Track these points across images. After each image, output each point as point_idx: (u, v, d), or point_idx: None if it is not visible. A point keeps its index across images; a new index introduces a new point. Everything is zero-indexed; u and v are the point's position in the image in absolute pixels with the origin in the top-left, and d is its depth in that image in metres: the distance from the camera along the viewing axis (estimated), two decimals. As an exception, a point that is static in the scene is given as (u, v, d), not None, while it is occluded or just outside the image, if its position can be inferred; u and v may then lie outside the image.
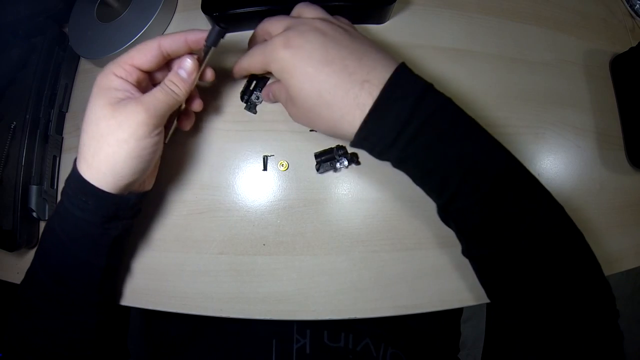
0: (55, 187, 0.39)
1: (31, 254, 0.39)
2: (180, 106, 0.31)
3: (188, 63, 0.29)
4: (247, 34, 0.39)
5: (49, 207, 0.38)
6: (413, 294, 0.34)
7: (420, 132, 0.25)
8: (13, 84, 0.40)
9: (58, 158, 0.39)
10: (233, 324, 0.40)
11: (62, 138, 0.40)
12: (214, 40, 0.29)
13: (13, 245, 0.36)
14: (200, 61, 0.30)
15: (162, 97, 0.27)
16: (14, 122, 0.38)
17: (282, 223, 0.35)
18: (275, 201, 0.35)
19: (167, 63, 0.30)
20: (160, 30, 0.40)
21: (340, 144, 0.35)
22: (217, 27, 0.28)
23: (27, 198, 0.37)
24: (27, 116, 0.37)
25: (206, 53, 0.29)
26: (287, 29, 0.28)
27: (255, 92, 0.36)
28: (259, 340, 0.39)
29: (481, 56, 0.39)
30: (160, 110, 0.27)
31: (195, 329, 0.43)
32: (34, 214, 0.37)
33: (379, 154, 0.28)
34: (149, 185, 0.32)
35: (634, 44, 0.39)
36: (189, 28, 0.29)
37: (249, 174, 0.36)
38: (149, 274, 0.36)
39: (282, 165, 0.36)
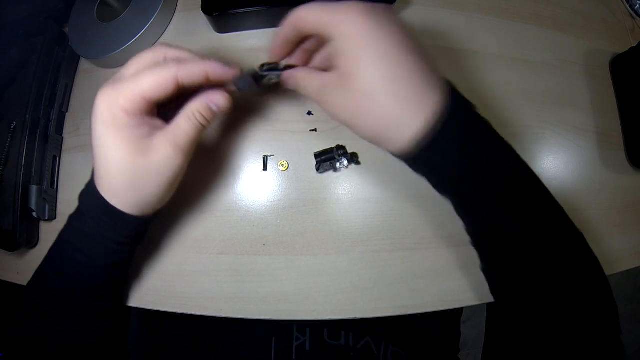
0: (55, 187, 0.39)
1: (31, 254, 0.39)
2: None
3: (221, 101, 0.27)
4: (247, 34, 0.39)
5: (49, 207, 0.38)
6: (413, 294, 0.34)
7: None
8: (13, 84, 0.40)
9: (58, 158, 0.39)
10: (232, 323, 0.40)
11: (62, 138, 0.40)
12: (244, 87, 0.27)
13: (13, 245, 0.36)
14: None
15: (190, 129, 0.26)
16: (14, 122, 0.38)
17: (282, 223, 0.35)
18: (275, 201, 0.35)
19: None
20: (160, 30, 0.40)
21: (340, 144, 0.35)
22: (248, 77, 0.27)
23: (27, 198, 0.37)
24: (27, 116, 0.37)
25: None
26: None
27: (271, 73, 0.29)
28: (258, 338, 0.39)
29: (481, 56, 0.39)
30: (190, 142, 0.26)
31: (195, 328, 0.43)
32: (34, 214, 0.37)
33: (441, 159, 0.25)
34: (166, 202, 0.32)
35: (634, 44, 0.39)
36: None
37: (249, 174, 0.36)
38: (148, 274, 0.36)
39: (282, 165, 0.36)
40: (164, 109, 0.28)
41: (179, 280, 0.35)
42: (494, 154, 0.26)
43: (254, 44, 0.39)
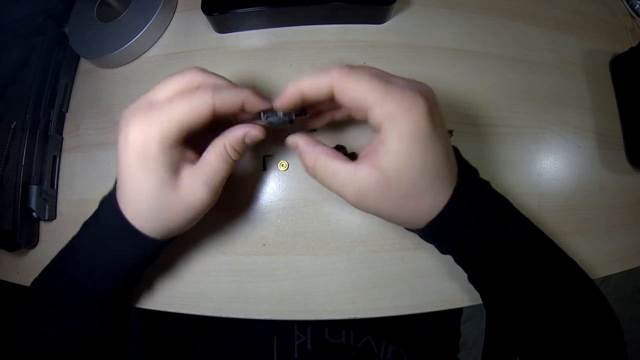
0: (55, 187, 0.39)
1: (31, 254, 0.39)
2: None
3: (257, 135, 0.26)
4: (247, 34, 0.39)
5: (49, 207, 0.38)
6: (413, 294, 0.34)
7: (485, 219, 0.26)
8: (13, 84, 0.40)
9: (58, 158, 0.39)
10: (233, 323, 0.40)
11: (62, 138, 0.40)
12: (276, 122, 0.26)
13: (13, 245, 0.36)
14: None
15: (221, 167, 0.25)
16: (14, 122, 0.38)
17: (282, 223, 0.35)
18: (275, 201, 0.35)
19: None
20: (160, 30, 0.40)
21: (340, 144, 0.35)
22: (285, 118, 0.25)
23: (27, 198, 0.37)
24: (27, 116, 0.37)
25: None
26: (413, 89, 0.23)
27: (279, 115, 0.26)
28: (259, 337, 0.39)
29: (481, 56, 0.39)
30: (222, 180, 0.26)
31: (195, 328, 0.43)
32: (34, 214, 0.37)
33: (448, 240, 0.27)
34: None
35: (634, 44, 0.39)
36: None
37: (249, 174, 0.36)
38: (148, 274, 0.36)
39: (282, 165, 0.36)
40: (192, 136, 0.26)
41: (179, 280, 0.35)
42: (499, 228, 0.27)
43: (254, 44, 0.39)
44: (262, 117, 0.26)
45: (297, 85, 0.24)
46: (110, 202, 0.26)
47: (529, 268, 0.27)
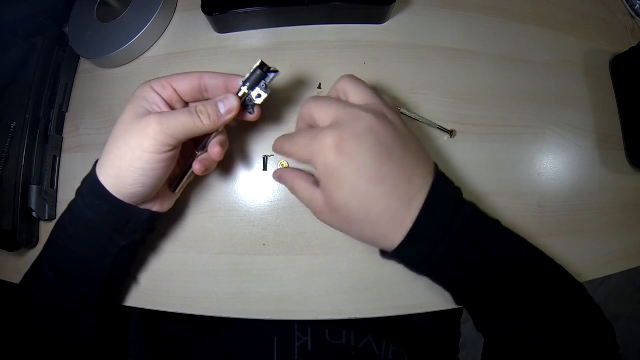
0: (55, 187, 0.39)
1: (31, 254, 0.39)
2: (203, 146, 0.30)
3: (233, 101, 0.27)
4: (247, 34, 0.39)
5: (49, 207, 0.38)
6: (413, 294, 0.34)
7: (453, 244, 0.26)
8: (13, 84, 0.40)
9: (58, 158, 0.39)
10: (233, 323, 0.40)
11: (62, 138, 0.40)
12: (251, 83, 0.28)
13: (13, 245, 0.36)
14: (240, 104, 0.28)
15: (184, 119, 0.26)
16: (14, 122, 0.38)
17: (282, 223, 0.35)
18: (275, 201, 0.35)
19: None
20: (160, 30, 0.40)
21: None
22: (257, 71, 0.27)
23: (27, 198, 0.37)
24: (27, 116, 0.37)
25: (244, 99, 0.28)
26: (337, 123, 0.25)
27: (257, 87, 0.28)
28: (260, 338, 0.39)
29: (481, 56, 0.39)
30: (175, 131, 0.26)
31: (195, 328, 0.43)
32: (34, 214, 0.37)
33: (417, 267, 0.28)
34: (165, 207, 0.31)
35: (634, 44, 0.39)
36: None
37: (249, 174, 0.36)
38: (149, 274, 0.36)
39: (282, 165, 0.36)
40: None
41: (179, 280, 0.35)
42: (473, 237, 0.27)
43: (254, 44, 0.39)
44: (242, 85, 0.28)
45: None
46: (91, 171, 0.29)
47: (514, 287, 0.27)
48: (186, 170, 0.31)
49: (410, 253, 0.26)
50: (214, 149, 0.29)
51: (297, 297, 0.34)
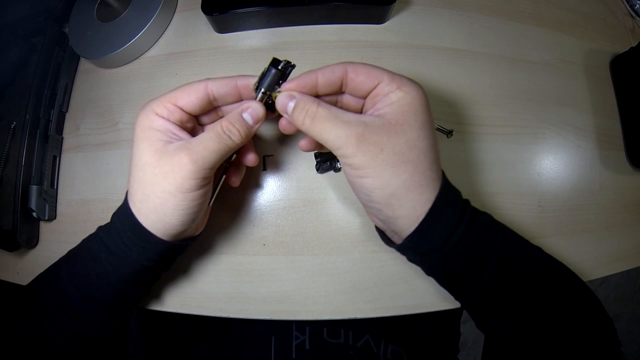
0: (55, 187, 0.39)
1: (31, 254, 0.39)
2: (231, 157, 0.28)
3: (258, 110, 0.25)
4: (247, 34, 0.39)
5: (48, 207, 0.38)
6: (413, 294, 0.34)
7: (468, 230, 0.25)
8: (13, 84, 0.40)
9: (58, 158, 0.39)
10: (232, 323, 0.40)
11: (62, 138, 0.40)
12: (269, 83, 0.25)
13: (13, 245, 0.36)
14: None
15: (214, 145, 0.24)
16: (14, 122, 0.38)
17: (282, 223, 0.35)
18: (275, 201, 0.35)
19: (214, 108, 0.28)
20: (160, 30, 0.40)
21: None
22: (272, 69, 0.25)
23: (27, 198, 0.37)
24: (27, 116, 0.37)
25: (264, 99, 0.26)
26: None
27: (276, 86, 0.26)
28: (258, 337, 0.39)
29: (481, 56, 0.39)
30: (210, 161, 0.24)
31: (195, 328, 0.43)
32: (34, 214, 0.37)
33: (429, 254, 0.26)
34: (201, 228, 0.31)
35: (634, 44, 0.39)
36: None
37: (249, 174, 0.36)
38: (149, 274, 0.36)
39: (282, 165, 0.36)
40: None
41: (179, 280, 0.35)
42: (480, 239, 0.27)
43: (254, 44, 0.39)
44: (257, 88, 0.26)
45: (312, 73, 0.25)
46: (124, 201, 0.27)
47: (522, 281, 0.27)
48: (218, 183, 0.29)
49: (432, 234, 0.25)
50: (249, 157, 0.28)
51: (297, 297, 0.34)
